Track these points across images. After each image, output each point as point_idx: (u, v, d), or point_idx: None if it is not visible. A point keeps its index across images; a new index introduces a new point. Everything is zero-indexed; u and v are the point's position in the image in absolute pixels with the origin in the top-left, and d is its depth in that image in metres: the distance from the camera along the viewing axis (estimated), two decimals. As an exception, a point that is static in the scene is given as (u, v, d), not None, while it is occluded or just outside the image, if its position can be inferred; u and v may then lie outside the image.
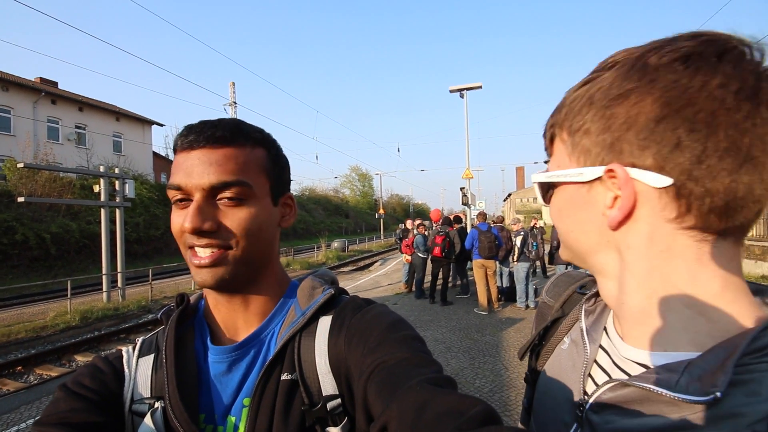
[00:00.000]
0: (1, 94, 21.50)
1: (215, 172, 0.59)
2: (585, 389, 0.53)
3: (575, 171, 0.48)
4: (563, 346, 0.62)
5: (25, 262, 16.38)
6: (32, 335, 8.61)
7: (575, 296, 0.68)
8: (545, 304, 0.73)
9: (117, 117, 28.40)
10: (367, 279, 13.10)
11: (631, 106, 0.42)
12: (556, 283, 0.74)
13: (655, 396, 0.43)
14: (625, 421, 0.46)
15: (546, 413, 0.60)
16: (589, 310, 0.61)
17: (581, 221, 0.50)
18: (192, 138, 0.60)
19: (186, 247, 0.60)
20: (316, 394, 0.60)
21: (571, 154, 0.49)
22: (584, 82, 0.47)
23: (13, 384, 6.48)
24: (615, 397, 0.47)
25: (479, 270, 7.93)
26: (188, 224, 0.57)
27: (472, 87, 14.10)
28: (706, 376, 0.40)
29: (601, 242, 0.48)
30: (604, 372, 0.52)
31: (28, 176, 18.75)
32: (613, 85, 0.43)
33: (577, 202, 0.49)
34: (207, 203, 0.59)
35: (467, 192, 14.14)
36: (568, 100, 0.49)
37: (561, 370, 0.59)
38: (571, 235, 0.52)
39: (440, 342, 6.17)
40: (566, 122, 0.49)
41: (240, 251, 0.61)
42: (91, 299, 11.62)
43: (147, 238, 21.95)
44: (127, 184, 12.02)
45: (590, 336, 0.57)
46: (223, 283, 0.60)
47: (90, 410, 0.57)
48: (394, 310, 0.66)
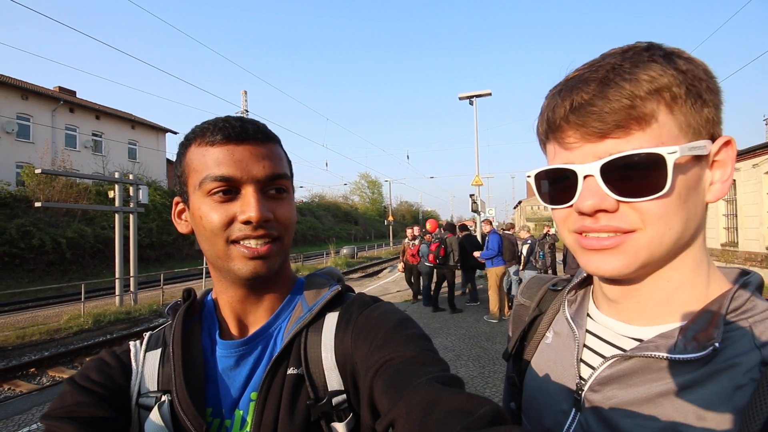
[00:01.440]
0: (21, 103, 22.16)
1: (269, 165, 0.61)
2: (580, 374, 0.54)
3: (701, 143, 0.44)
4: (547, 341, 0.64)
5: (41, 266, 16.70)
6: (46, 338, 8.75)
7: (549, 294, 0.70)
8: (522, 305, 0.74)
9: (132, 125, 29.04)
10: (376, 286, 13.07)
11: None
12: (529, 285, 0.76)
13: (655, 363, 0.47)
14: (628, 392, 0.48)
15: (539, 408, 0.60)
16: (571, 300, 0.63)
17: (695, 204, 0.46)
18: (239, 131, 0.60)
19: (227, 241, 0.59)
20: (321, 390, 0.61)
21: (685, 126, 0.44)
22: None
23: (26, 385, 6.57)
24: (615, 372, 0.50)
25: (497, 278, 7.81)
26: (254, 213, 0.57)
27: (482, 94, 14.11)
28: (700, 334, 0.44)
29: (698, 227, 0.48)
30: (596, 353, 0.54)
31: (46, 182, 19.20)
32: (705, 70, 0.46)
33: (695, 181, 0.45)
34: (261, 195, 0.60)
35: (477, 199, 14.07)
36: (684, 68, 0.44)
37: (549, 364, 0.60)
38: (686, 224, 0.45)
39: (450, 350, 6.11)
40: (687, 90, 0.44)
41: (284, 243, 0.63)
42: (104, 303, 11.79)
43: (159, 244, 22.22)
44: (140, 190, 12.22)
45: (576, 322, 0.59)
46: (272, 273, 0.62)
47: (97, 404, 0.57)
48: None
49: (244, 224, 0.58)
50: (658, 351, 0.46)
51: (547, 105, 0.49)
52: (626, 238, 0.45)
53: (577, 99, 0.45)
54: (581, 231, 0.48)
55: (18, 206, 17.55)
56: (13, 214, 17.12)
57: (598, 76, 0.44)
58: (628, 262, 0.45)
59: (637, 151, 0.43)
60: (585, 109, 0.44)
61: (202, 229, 0.61)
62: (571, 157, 0.47)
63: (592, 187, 0.45)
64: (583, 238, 0.48)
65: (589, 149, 0.46)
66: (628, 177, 0.43)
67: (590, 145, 0.46)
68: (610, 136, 0.44)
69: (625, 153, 0.43)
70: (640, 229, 0.44)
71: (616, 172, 0.44)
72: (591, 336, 0.56)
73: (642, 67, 0.43)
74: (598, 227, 0.46)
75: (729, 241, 12.91)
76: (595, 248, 0.46)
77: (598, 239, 0.46)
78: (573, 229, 0.49)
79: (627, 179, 0.43)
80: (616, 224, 0.45)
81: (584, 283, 0.64)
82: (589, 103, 0.44)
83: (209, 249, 0.62)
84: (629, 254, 0.45)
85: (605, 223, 0.45)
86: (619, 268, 0.46)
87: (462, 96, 14.32)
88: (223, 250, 0.60)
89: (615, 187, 0.44)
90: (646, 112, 0.43)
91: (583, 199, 0.45)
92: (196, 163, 0.61)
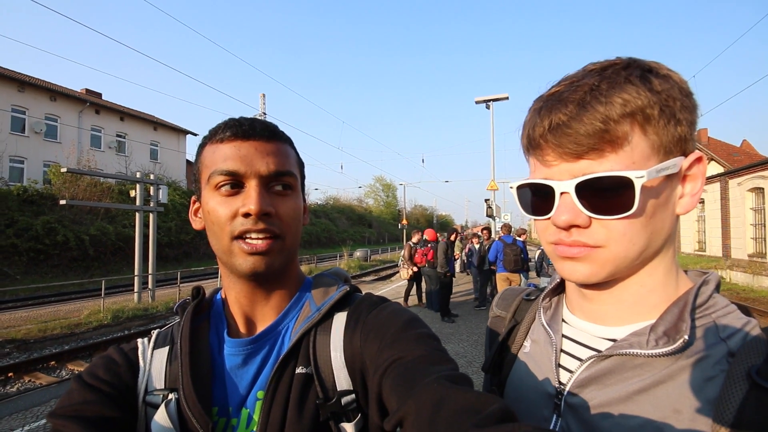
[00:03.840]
0: (50, 104, 23.03)
1: (273, 162, 0.62)
2: (559, 379, 0.55)
3: (672, 162, 0.46)
4: (525, 351, 0.65)
5: (65, 261, 17.26)
6: (66, 332, 9.04)
7: (523, 304, 0.72)
8: (498, 317, 0.76)
9: (155, 126, 29.84)
10: (388, 289, 13.04)
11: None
12: (503, 296, 0.78)
13: (629, 360, 0.48)
14: (606, 392, 0.49)
15: (521, 417, 0.60)
16: (546, 306, 0.64)
17: (662, 219, 0.49)
18: (246, 128, 0.62)
19: (231, 236, 0.60)
20: (330, 389, 0.60)
21: (657, 146, 0.46)
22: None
23: (45, 378, 6.78)
24: (592, 373, 0.51)
25: (503, 284, 7.75)
26: (254, 206, 0.58)
27: (499, 98, 14.01)
28: (670, 329, 0.47)
29: (667, 238, 0.50)
30: (573, 357, 0.56)
31: (71, 181, 19.88)
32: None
33: (664, 198, 0.48)
34: (264, 190, 0.61)
35: (492, 204, 13.94)
36: (659, 88, 0.46)
37: (528, 373, 0.61)
38: (651, 239, 0.48)
39: (461, 356, 6.03)
40: (661, 111, 0.45)
41: (287, 241, 0.63)
42: (123, 299, 12.10)
43: (177, 242, 22.71)
44: (161, 190, 12.54)
45: (553, 328, 0.60)
46: (272, 270, 0.62)
47: (103, 402, 0.57)
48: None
49: (245, 217, 0.59)
50: (632, 348, 0.48)
51: (529, 121, 0.52)
52: (592, 251, 0.48)
53: (555, 119, 0.47)
54: (557, 243, 0.51)
55: (44, 204, 18.19)
56: (40, 211, 17.76)
57: (576, 98, 0.46)
58: (596, 272, 0.49)
59: (608, 174, 0.45)
60: (562, 131, 0.47)
61: (210, 224, 0.62)
62: (549, 174, 0.50)
63: (568, 203, 0.48)
64: (557, 246, 0.51)
65: (566, 167, 0.48)
66: (600, 196, 0.46)
67: (566, 164, 0.48)
68: (584, 157, 0.47)
69: (596, 175, 0.46)
70: (604, 247, 0.47)
71: (590, 191, 0.46)
72: (567, 340, 0.58)
73: (617, 89, 0.45)
74: (569, 242, 0.49)
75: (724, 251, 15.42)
76: (567, 256, 0.50)
77: (570, 249, 0.50)
78: (550, 241, 0.52)
79: (599, 197, 0.46)
80: (584, 240, 0.48)
81: (557, 289, 0.66)
82: (566, 124, 0.46)
83: (216, 244, 0.63)
84: (596, 265, 0.49)
85: (575, 237, 0.49)
86: (587, 275, 0.49)
87: (478, 100, 14.24)
88: (227, 246, 0.61)
89: (589, 204, 0.47)
90: (619, 135, 0.45)
91: (559, 214, 0.48)
92: (207, 160, 0.63)
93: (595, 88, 0.46)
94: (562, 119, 0.47)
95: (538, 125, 0.49)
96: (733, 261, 14.33)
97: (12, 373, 6.81)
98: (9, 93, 20.99)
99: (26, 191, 18.19)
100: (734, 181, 14.27)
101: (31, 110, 21.86)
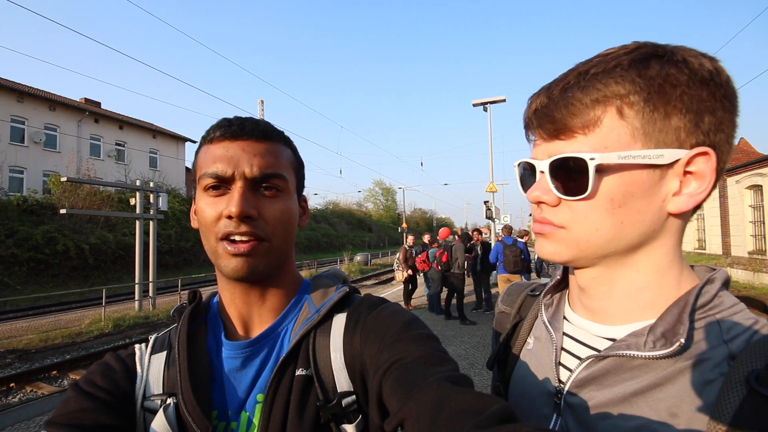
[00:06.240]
0: (49, 114, 23.05)
1: (260, 163, 0.61)
2: (559, 377, 0.55)
3: (655, 152, 0.44)
4: (528, 347, 0.64)
5: (65, 271, 17.21)
6: (68, 341, 8.99)
7: (528, 300, 0.71)
8: (503, 313, 0.75)
9: (154, 134, 29.84)
10: (389, 292, 13.02)
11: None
12: (508, 292, 0.77)
13: (627, 362, 0.47)
14: (604, 393, 0.48)
15: (523, 415, 0.60)
16: (547, 303, 0.64)
17: (639, 210, 0.46)
18: (235, 129, 0.62)
19: (217, 238, 0.60)
20: (331, 391, 0.60)
21: (640, 133, 0.44)
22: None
23: (47, 388, 6.73)
24: (591, 373, 0.50)
25: (504, 285, 7.74)
26: (235, 208, 0.57)
27: (496, 100, 14.02)
28: (668, 331, 0.45)
29: (649, 233, 0.48)
30: (573, 356, 0.55)
31: (71, 190, 19.87)
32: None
33: (642, 189, 0.45)
34: (250, 192, 0.61)
35: (491, 206, 13.93)
36: (655, 74, 0.44)
37: (531, 370, 0.61)
38: (620, 228, 0.47)
39: (463, 358, 6.02)
40: (648, 97, 0.44)
41: (273, 243, 0.62)
42: (123, 307, 12.05)
43: (178, 250, 22.68)
44: (160, 198, 12.52)
45: (553, 326, 0.60)
46: (255, 273, 0.61)
47: (100, 410, 0.57)
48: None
49: (229, 219, 0.59)
50: (629, 350, 0.47)
51: (527, 104, 0.54)
52: (557, 230, 0.50)
53: (540, 102, 0.50)
54: (533, 220, 0.54)
55: (44, 213, 18.17)
56: (39, 220, 17.73)
57: (564, 83, 0.48)
58: (559, 251, 0.50)
59: (566, 155, 0.47)
60: (542, 112, 0.49)
61: (200, 225, 0.62)
62: (535, 153, 0.53)
63: (541, 182, 0.50)
64: (533, 223, 0.54)
65: (545, 148, 0.51)
66: (568, 177, 0.47)
67: (545, 144, 0.51)
68: (558, 138, 0.49)
69: (560, 156, 0.48)
70: (567, 228, 0.49)
71: (562, 171, 0.48)
72: (568, 338, 0.57)
73: (602, 75, 0.46)
74: (539, 218, 0.52)
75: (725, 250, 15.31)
76: (537, 231, 0.53)
77: (540, 225, 0.52)
78: (534, 217, 0.54)
79: (568, 178, 0.47)
80: (549, 218, 0.50)
81: (560, 285, 0.65)
82: (546, 107, 0.49)
83: (206, 245, 0.63)
84: (561, 245, 0.50)
85: (543, 214, 0.51)
86: (551, 253, 0.51)
87: (476, 102, 14.25)
88: (214, 246, 0.61)
89: (560, 184, 0.48)
90: (589, 118, 0.46)
91: (532, 190, 0.51)
92: (200, 161, 0.64)
93: (584, 73, 0.47)
94: (544, 102, 0.49)
95: (529, 107, 0.52)
96: (734, 258, 14.33)
97: (14, 383, 6.77)
98: (8, 103, 21.02)
99: (26, 201, 18.19)
100: (732, 179, 14.26)
101: (31, 120, 21.88)
